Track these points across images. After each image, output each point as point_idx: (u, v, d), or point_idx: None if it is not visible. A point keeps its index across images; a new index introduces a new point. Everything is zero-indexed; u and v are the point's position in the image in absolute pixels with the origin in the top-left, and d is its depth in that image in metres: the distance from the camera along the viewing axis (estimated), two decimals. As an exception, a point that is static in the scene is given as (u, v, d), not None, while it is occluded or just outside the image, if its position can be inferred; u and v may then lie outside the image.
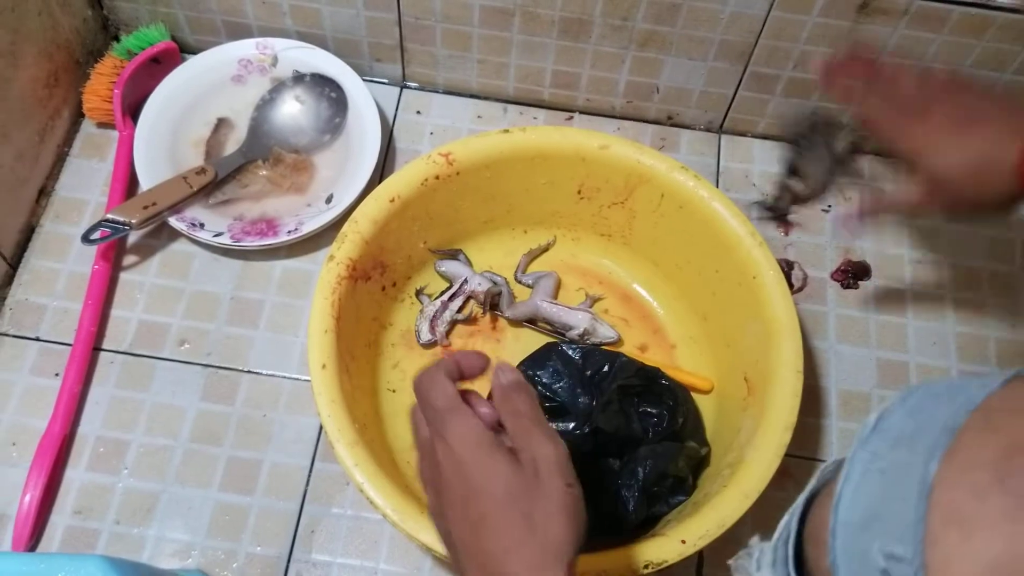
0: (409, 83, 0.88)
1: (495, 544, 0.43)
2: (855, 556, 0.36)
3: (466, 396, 0.48)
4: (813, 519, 0.41)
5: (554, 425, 0.65)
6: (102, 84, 0.82)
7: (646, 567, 0.57)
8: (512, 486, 0.44)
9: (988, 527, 0.31)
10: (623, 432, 0.66)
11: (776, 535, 0.44)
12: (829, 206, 0.84)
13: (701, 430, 0.70)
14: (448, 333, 0.75)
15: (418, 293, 0.76)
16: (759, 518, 0.69)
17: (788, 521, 0.43)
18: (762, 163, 0.86)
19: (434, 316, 0.74)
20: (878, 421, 0.38)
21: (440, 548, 0.56)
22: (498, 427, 0.47)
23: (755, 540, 0.70)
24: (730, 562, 0.64)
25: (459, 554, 0.45)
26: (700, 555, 0.69)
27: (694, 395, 0.72)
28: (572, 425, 0.66)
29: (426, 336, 0.74)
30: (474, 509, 0.44)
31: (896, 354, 0.78)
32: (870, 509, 0.36)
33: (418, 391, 0.48)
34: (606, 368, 0.70)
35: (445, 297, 0.75)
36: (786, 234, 0.83)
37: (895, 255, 0.83)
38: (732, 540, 0.69)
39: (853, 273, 0.80)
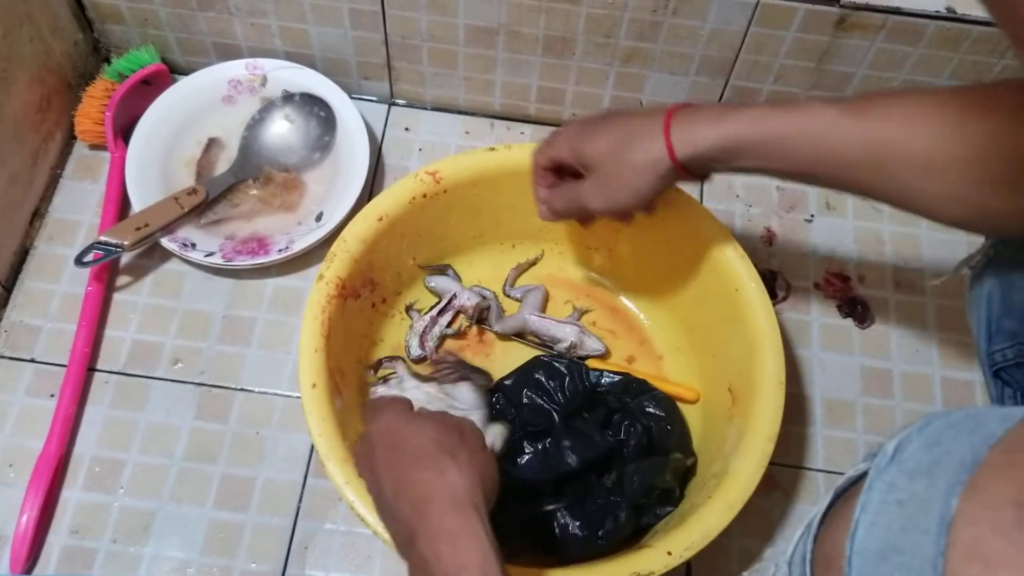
0: (397, 100, 0.89)
1: (422, 475, 0.48)
2: None
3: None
4: (825, 542, 0.41)
5: (539, 438, 0.66)
6: (94, 107, 0.83)
7: (633, 579, 0.58)
8: (440, 434, 0.51)
9: (1011, 564, 0.31)
10: (608, 445, 0.66)
11: (791, 550, 0.44)
12: (812, 216, 0.85)
13: (688, 440, 0.71)
14: (438, 348, 0.76)
15: (408, 309, 0.77)
16: (745, 527, 0.70)
17: (804, 538, 0.43)
18: (746, 175, 0.87)
19: (424, 331, 0.75)
20: (896, 452, 0.38)
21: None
22: None
23: (769, 554, 0.70)
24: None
25: (391, 506, 0.50)
26: (688, 565, 0.70)
27: (681, 405, 0.73)
28: (557, 439, 0.66)
29: (416, 351, 0.75)
30: (405, 453, 0.50)
31: (880, 361, 0.79)
32: (888, 540, 0.36)
33: (364, 414, 0.58)
34: (592, 381, 0.71)
35: (434, 312, 0.76)
36: (770, 244, 0.84)
37: (877, 263, 0.84)
38: (719, 550, 0.70)
39: (854, 309, 0.82)
